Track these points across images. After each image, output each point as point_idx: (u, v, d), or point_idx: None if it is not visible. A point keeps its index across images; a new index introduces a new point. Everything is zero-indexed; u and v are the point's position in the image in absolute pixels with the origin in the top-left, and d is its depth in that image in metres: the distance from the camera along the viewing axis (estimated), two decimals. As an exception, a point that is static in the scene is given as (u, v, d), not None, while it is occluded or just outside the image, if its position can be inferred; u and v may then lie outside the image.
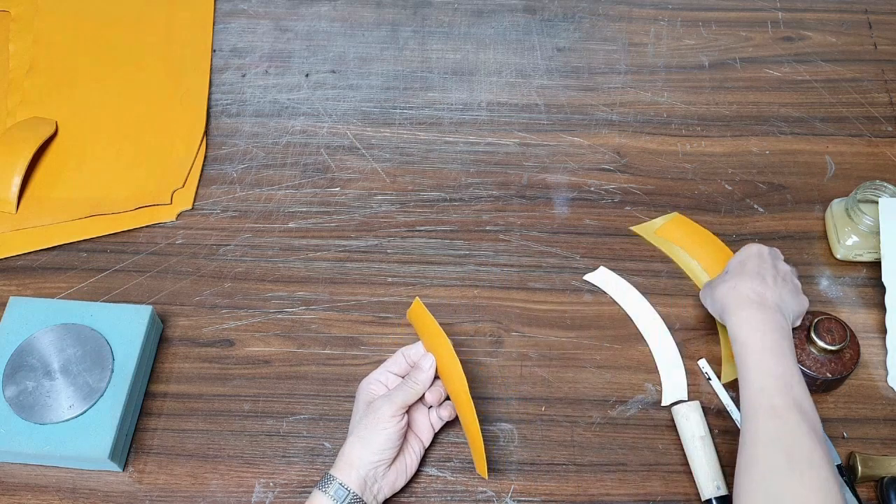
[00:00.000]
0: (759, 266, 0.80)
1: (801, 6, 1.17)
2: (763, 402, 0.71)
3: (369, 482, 0.74)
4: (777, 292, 0.78)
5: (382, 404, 0.75)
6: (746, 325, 0.75)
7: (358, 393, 0.79)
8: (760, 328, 0.74)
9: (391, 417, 0.74)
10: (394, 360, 0.80)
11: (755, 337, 0.74)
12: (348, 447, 0.74)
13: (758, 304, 0.76)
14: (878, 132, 1.05)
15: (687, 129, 1.05)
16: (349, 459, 0.74)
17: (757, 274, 0.79)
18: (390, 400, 0.75)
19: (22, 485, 0.80)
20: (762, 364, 0.73)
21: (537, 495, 0.80)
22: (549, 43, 1.13)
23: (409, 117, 1.06)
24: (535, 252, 0.95)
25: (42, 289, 0.91)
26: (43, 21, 1.13)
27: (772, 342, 0.73)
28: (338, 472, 0.73)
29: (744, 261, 0.81)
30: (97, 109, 1.05)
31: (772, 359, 0.73)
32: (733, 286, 0.78)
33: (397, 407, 0.75)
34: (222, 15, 1.15)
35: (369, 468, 0.74)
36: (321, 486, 0.73)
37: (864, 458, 0.80)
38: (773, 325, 0.75)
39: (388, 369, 0.80)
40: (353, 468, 0.73)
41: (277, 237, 0.95)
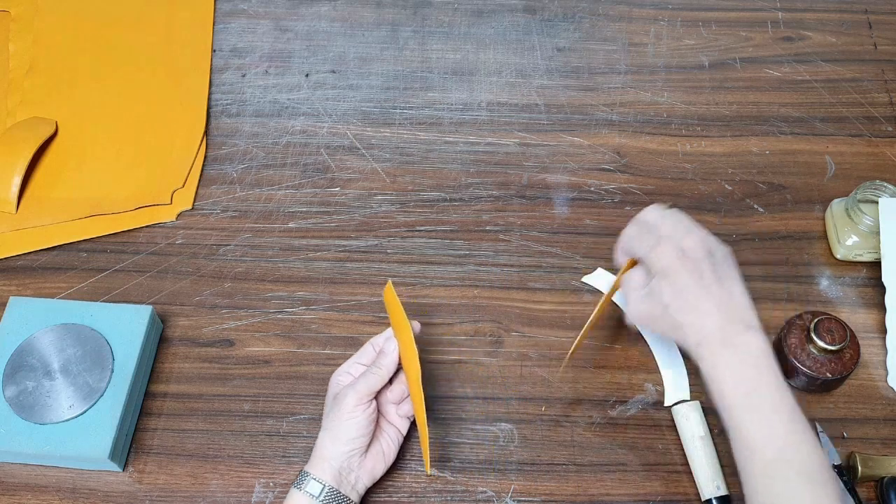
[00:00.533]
0: (697, 277, 0.69)
1: (801, 6, 1.17)
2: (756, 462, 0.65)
3: (344, 473, 0.73)
4: (732, 298, 0.69)
5: (347, 393, 0.74)
6: (722, 379, 0.66)
7: (329, 387, 0.78)
8: (739, 380, 0.66)
9: (356, 406, 0.73)
10: (362, 351, 0.79)
11: (737, 395, 0.66)
12: (319, 441, 0.74)
13: (721, 342, 0.67)
14: (878, 132, 1.05)
15: (687, 129, 1.05)
16: (321, 453, 0.74)
17: (707, 298, 0.68)
18: (354, 388, 0.74)
19: (22, 485, 0.80)
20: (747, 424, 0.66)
21: (537, 495, 0.80)
22: (549, 43, 1.13)
23: (409, 117, 1.06)
24: (535, 252, 0.95)
25: (42, 289, 0.91)
26: (43, 21, 1.13)
27: (756, 395, 0.66)
28: (312, 467, 0.73)
29: (671, 275, 0.69)
30: (97, 109, 1.05)
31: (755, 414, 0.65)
32: (695, 341, 0.68)
33: (362, 395, 0.74)
34: (222, 15, 1.15)
35: (342, 459, 0.73)
36: (297, 485, 0.73)
37: (864, 458, 0.80)
38: (749, 371, 0.66)
39: (357, 360, 0.79)
40: (325, 461, 0.73)
41: (277, 237, 0.95)
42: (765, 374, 0.66)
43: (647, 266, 0.73)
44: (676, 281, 0.70)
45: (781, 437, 0.65)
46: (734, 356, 0.67)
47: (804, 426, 0.66)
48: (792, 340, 0.84)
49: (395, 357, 0.76)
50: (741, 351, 0.67)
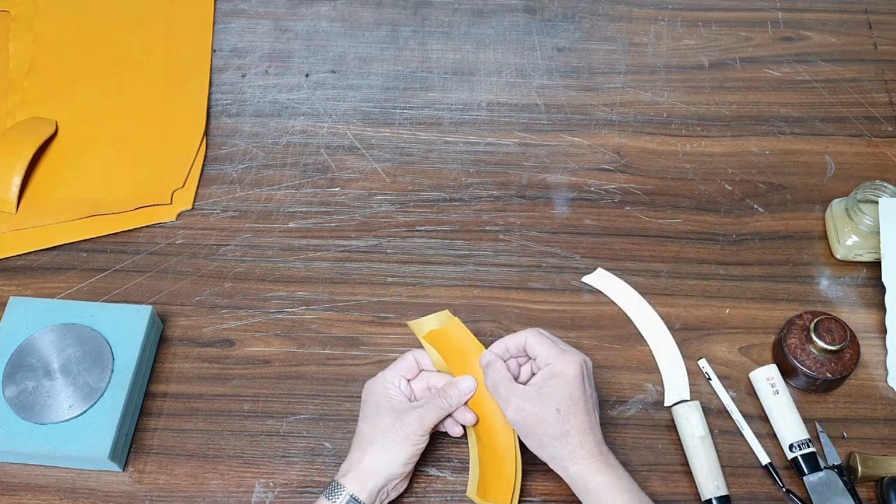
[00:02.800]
0: (588, 395, 0.73)
1: (801, 6, 1.17)
2: None
3: (382, 492, 0.73)
4: (598, 422, 0.74)
5: (414, 421, 0.73)
6: (611, 496, 0.71)
7: (370, 394, 0.77)
8: (625, 493, 0.71)
9: (422, 436, 0.74)
10: (406, 364, 0.78)
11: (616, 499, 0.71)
12: (370, 456, 0.73)
13: (604, 463, 0.72)
14: (878, 132, 1.05)
15: (687, 129, 1.05)
16: (368, 469, 0.72)
17: (590, 415, 0.72)
18: (422, 418, 0.74)
19: (22, 485, 0.80)
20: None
21: (537, 495, 0.80)
22: (549, 43, 1.13)
23: (409, 117, 1.06)
24: (535, 252, 0.95)
25: (42, 289, 0.91)
26: (43, 21, 1.13)
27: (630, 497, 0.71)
28: (350, 482, 0.72)
29: (573, 384, 0.72)
30: (97, 109, 1.05)
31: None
32: (578, 442, 0.71)
33: (429, 425, 0.74)
34: (222, 15, 1.15)
35: (387, 479, 0.73)
36: (329, 495, 0.71)
37: (864, 458, 0.80)
38: (624, 482, 0.71)
39: (400, 373, 0.78)
40: (369, 479, 0.72)
41: (277, 237, 0.95)
42: (635, 486, 0.72)
43: (543, 369, 0.74)
44: (575, 391, 0.72)
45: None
46: (615, 473, 0.71)
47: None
48: (792, 340, 0.84)
49: (469, 397, 0.76)
50: (616, 469, 0.72)
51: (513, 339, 0.76)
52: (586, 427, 0.71)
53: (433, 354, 0.79)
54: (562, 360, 0.73)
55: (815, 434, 0.82)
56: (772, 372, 0.84)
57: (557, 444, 0.71)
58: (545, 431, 0.71)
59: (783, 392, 0.83)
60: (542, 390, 0.72)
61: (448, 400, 0.75)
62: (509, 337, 0.77)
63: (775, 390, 0.83)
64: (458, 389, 0.76)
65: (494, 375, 0.75)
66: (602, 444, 0.72)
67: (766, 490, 0.80)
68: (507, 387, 0.74)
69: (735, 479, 0.81)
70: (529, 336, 0.76)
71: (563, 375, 0.72)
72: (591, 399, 0.74)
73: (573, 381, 0.72)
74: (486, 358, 0.77)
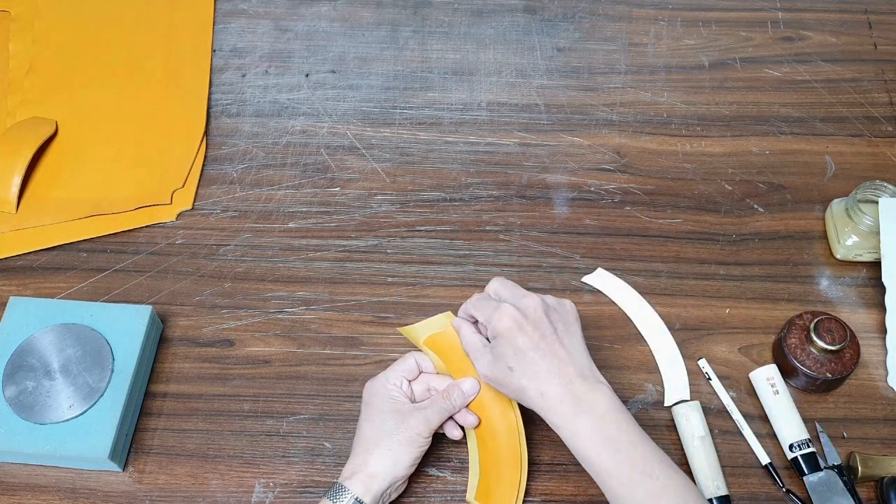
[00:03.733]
0: (538, 339, 0.69)
1: (801, 6, 1.17)
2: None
3: (385, 495, 0.73)
4: (574, 356, 0.69)
5: (419, 423, 0.73)
6: (585, 445, 0.67)
7: (372, 395, 0.76)
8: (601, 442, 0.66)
9: (426, 438, 0.74)
10: (407, 366, 0.78)
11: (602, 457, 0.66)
12: (375, 459, 0.72)
13: (573, 407, 0.67)
14: (878, 132, 1.05)
15: (687, 129, 1.05)
16: (373, 472, 0.72)
17: (549, 357, 0.68)
18: (427, 420, 0.74)
19: (22, 485, 0.80)
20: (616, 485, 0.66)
21: (537, 495, 0.80)
22: (549, 43, 1.13)
23: (409, 117, 1.06)
24: (535, 252, 0.95)
25: (42, 289, 0.91)
26: (43, 21, 1.13)
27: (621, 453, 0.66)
28: (354, 484, 0.71)
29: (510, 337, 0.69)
30: (97, 109, 1.05)
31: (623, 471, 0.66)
32: (539, 392, 0.68)
33: (434, 426, 0.74)
34: (222, 15, 1.15)
35: (392, 481, 0.73)
36: (333, 497, 0.71)
37: (864, 458, 0.80)
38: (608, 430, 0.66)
39: (401, 374, 0.77)
40: (374, 481, 0.71)
41: (277, 237, 0.95)
42: (624, 429, 0.67)
43: (489, 331, 0.73)
44: (516, 343, 0.70)
45: (655, 490, 0.66)
46: (589, 419, 0.67)
47: (671, 468, 0.67)
48: (792, 340, 0.84)
49: (472, 399, 0.76)
50: (595, 413, 0.67)
51: (464, 305, 0.76)
52: (543, 373, 0.68)
53: (434, 359, 0.79)
54: (494, 317, 0.71)
55: (815, 434, 0.82)
56: (772, 372, 0.84)
57: (524, 398, 0.70)
58: (510, 387, 0.71)
59: (783, 392, 0.83)
60: (494, 351, 0.71)
61: (451, 401, 0.75)
62: (462, 306, 0.77)
63: (775, 390, 0.83)
64: (460, 391, 0.76)
65: (464, 339, 0.75)
66: (576, 382, 0.68)
67: (766, 490, 0.80)
68: (473, 350, 0.74)
69: (735, 479, 0.81)
70: (470, 303, 0.75)
71: (499, 333, 0.71)
72: (547, 339, 0.69)
73: (508, 335, 0.70)
74: (455, 323, 0.76)
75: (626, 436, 0.67)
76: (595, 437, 0.67)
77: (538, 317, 0.71)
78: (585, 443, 0.67)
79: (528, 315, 0.71)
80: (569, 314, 0.73)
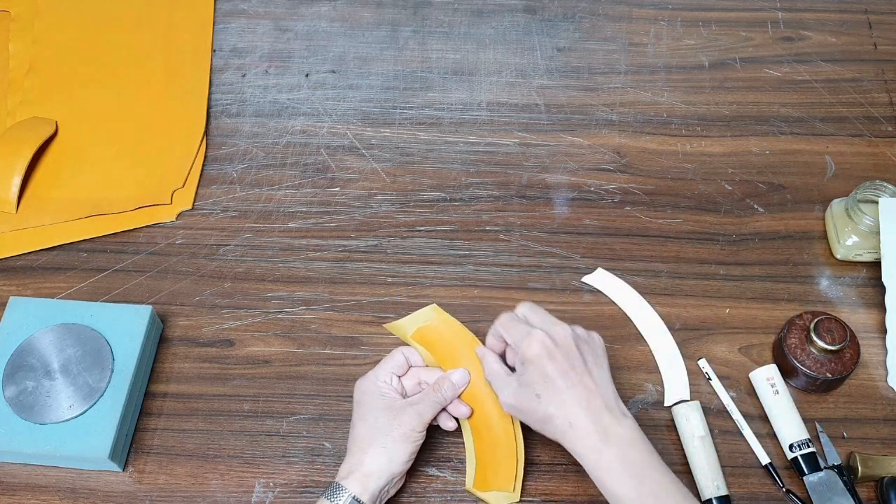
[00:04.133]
0: (567, 368, 0.69)
1: (801, 6, 1.17)
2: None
3: (383, 492, 0.73)
4: (601, 388, 0.70)
5: (412, 418, 0.74)
6: (609, 476, 0.67)
7: (363, 395, 0.76)
8: (626, 474, 0.66)
9: (420, 432, 0.74)
10: (395, 361, 0.78)
11: (627, 489, 0.66)
12: (370, 458, 0.72)
13: (600, 440, 0.67)
14: (878, 132, 1.05)
15: (687, 129, 1.05)
16: (369, 470, 0.72)
17: (577, 387, 0.69)
18: (420, 415, 0.74)
19: (22, 485, 0.80)
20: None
21: (537, 495, 0.80)
22: (549, 43, 1.13)
23: (409, 117, 1.06)
24: (535, 252, 0.95)
25: (42, 289, 0.91)
26: (43, 21, 1.13)
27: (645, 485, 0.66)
28: (352, 483, 0.71)
29: (540, 365, 0.69)
30: (97, 109, 1.05)
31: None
32: (567, 423, 0.68)
33: (427, 420, 0.74)
34: (222, 15, 1.15)
35: (389, 478, 0.73)
36: (331, 497, 0.71)
37: (864, 458, 0.80)
38: (633, 460, 0.67)
39: (390, 370, 0.78)
40: (370, 479, 0.72)
41: (277, 237, 0.95)
42: (648, 462, 0.68)
43: (517, 355, 0.72)
44: (545, 370, 0.70)
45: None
46: (615, 451, 0.67)
47: (692, 501, 0.68)
48: (792, 340, 0.84)
49: (463, 389, 0.77)
50: (621, 445, 0.68)
51: (495, 326, 0.76)
52: (571, 403, 0.68)
53: (423, 352, 0.79)
54: (524, 343, 0.71)
55: (815, 434, 0.82)
56: (772, 372, 0.84)
57: (548, 428, 0.70)
58: (535, 417, 0.70)
59: (783, 392, 0.83)
60: (521, 378, 0.71)
61: (442, 394, 0.76)
62: (493, 326, 0.77)
63: (775, 390, 0.83)
64: (450, 382, 0.76)
65: (487, 369, 0.75)
66: (604, 414, 0.68)
67: (766, 490, 0.80)
68: (496, 379, 0.73)
69: (735, 479, 0.81)
70: (500, 323, 0.75)
71: (528, 359, 0.71)
72: (576, 370, 0.70)
73: (538, 362, 0.70)
74: (479, 352, 0.77)
75: (650, 469, 0.68)
76: (620, 469, 0.67)
77: (568, 345, 0.71)
78: (610, 475, 0.67)
79: (559, 343, 0.71)
80: (597, 347, 0.73)
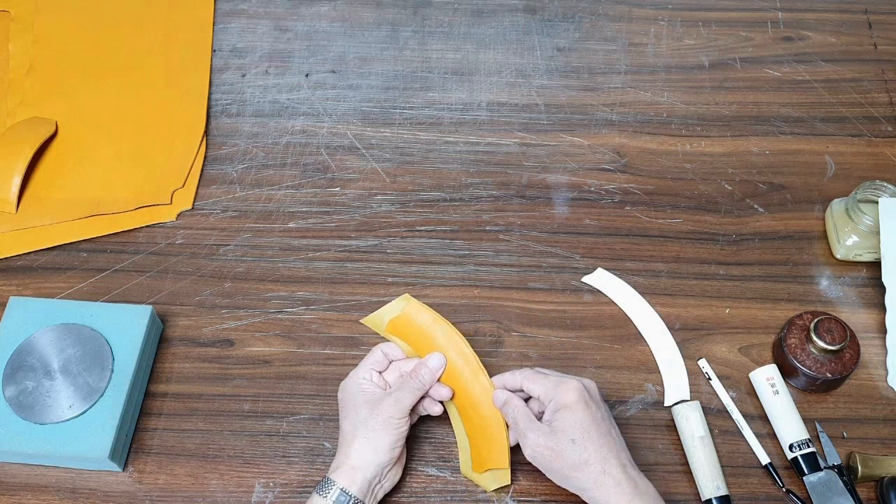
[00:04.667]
0: (599, 418, 0.72)
1: (801, 6, 1.17)
2: None
3: (373, 484, 0.74)
4: (622, 443, 0.73)
5: (391, 406, 0.74)
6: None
7: (346, 394, 0.78)
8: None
9: (401, 419, 0.74)
10: (374, 358, 0.79)
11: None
12: (355, 450, 0.73)
13: (632, 488, 0.70)
14: (878, 132, 1.05)
15: (687, 129, 1.05)
16: (355, 462, 0.73)
17: (607, 437, 0.71)
18: (398, 402, 0.75)
19: (22, 485, 0.80)
20: None
21: (537, 495, 0.80)
22: (549, 43, 1.13)
23: (409, 117, 1.06)
24: (535, 252, 0.95)
25: (42, 289, 0.91)
26: (43, 21, 1.13)
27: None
28: (340, 476, 0.73)
29: (577, 412, 0.72)
30: (97, 109, 1.05)
31: None
32: (601, 469, 0.70)
33: (406, 407, 0.75)
34: (222, 15, 1.15)
35: (376, 469, 0.73)
36: (321, 491, 0.72)
37: (864, 458, 0.80)
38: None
39: (371, 367, 0.79)
40: (357, 471, 0.73)
41: (277, 237, 0.95)
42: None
43: (549, 403, 0.74)
44: (583, 416, 0.72)
45: None
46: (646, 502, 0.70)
47: None
48: (792, 340, 0.84)
49: (440, 374, 0.77)
50: (648, 498, 0.70)
51: (509, 378, 0.77)
52: (605, 451, 0.71)
53: (400, 343, 0.80)
54: (560, 390, 0.73)
55: (815, 434, 0.82)
56: (772, 372, 0.84)
57: (580, 475, 0.71)
58: (564, 463, 0.71)
59: (783, 392, 0.83)
60: (553, 424, 0.73)
61: (420, 379, 0.76)
62: (505, 375, 0.78)
63: (775, 390, 0.83)
64: (427, 367, 0.77)
65: (513, 412, 0.75)
66: (630, 468, 0.71)
67: (766, 490, 0.80)
68: (526, 423, 0.74)
69: (735, 479, 0.81)
70: (524, 378, 0.76)
71: (565, 406, 0.72)
72: (606, 421, 0.73)
73: (576, 408, 0.72)
74: (501, 397, 0.77)
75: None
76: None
77: (598, 397, 0.74)
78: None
79: (591, 393, 0.74)
80: (605, 404, 0.76)
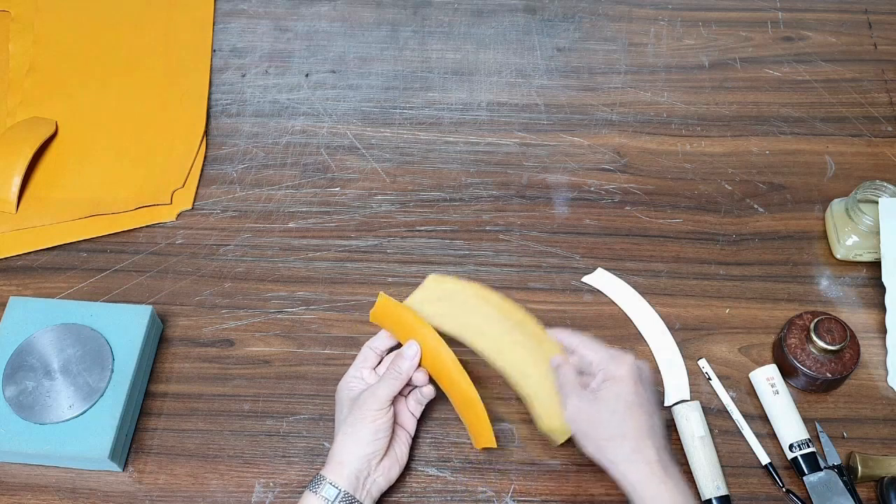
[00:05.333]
0: (645, 400, 0.73)
1: (801, 6, 1.17)
2: None
3: (361, 477, 0.74)
4: (661, 430, 0.73)
5: (367, 398, 0.75)
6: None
7: (338, 396, 0.79)
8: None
9: (378, 410, 0.75)
10: (362, 357, 0.80)
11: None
12: (337, 445, 0.75)
13: (663, 471, 0.70)
14: (878, 132, 1.05)
15: (687, 129, 1.05)
16: (339, 458, 0.74)
17: (648, 419, 0.72)
18: (374, 394, 0.75)
19: (22, 485, 0.80)
20: None
21: (537, 495, 0.80)
22: (549, 43, 1.13)
23: (409, 117, 1.06)
24: (535, 252, 0.95)
25: (42, 289, 0.91)
26: (43, 21, 1.13)
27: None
28: (328, 471, 0.73)
29: (626, 386, 0.73)
30: (97, 109, 1.05)
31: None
32: (635, 447, 0.71)
33: (383, 400, 0.75)
34: (222, 15, 1.15)
35: (361, 462, 0.74)
36: (312, 487, 0.73)
37: (864, 458, 0.80)
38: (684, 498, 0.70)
39: (361, 366, 0.79)
40: (343, 466, 0.73)
41: (277, 237, 0.95)
42: (692, 501, 0.70)
43: (599, 372, 0.75)
44: (629, 390, 0.73)
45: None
46: (673, 487, 0.70)
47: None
48: (792, 340, 0.84)
49: (416, 363, 0.77)
50: (678, 483, 0.70)
51: (566, 336, 0.78)
52: (644, 431, 0.71)
53: (387, 330, 0.80)
54: (613, 363, 0.74)
55: (815, 434, 0.82)
56: (772, 372, 0.84)
57: (615, 447, 0.71)
58: (601, 433, 0.72)
59: (783, 392, 0.83)
60: (598, 393, 0.73)
61: (397, 369, 0.77)
62: (565, 331, 0.79)
63: (775, 390, 0.83)
64: (403, 358, 0.77)
65: (562, 377, 0.76)
66: (663, 452, 0.71)
67: (766, 490, 0.80)
68: (572, 387, 0.75)
69: (735, 479, 0.81)
70: (580, 343, 0.77)
71: (615, 378, 0.73)
72: (651, 404, 0.74)
73: (625, 382, 0.73)
74: (556, 360, 0.78)
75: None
76: (673, 501, 0.69)
77: (648, 380, 0.75)
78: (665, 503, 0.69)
79: (643, 373, 0.75)
80: (653, 384, 0.76)
